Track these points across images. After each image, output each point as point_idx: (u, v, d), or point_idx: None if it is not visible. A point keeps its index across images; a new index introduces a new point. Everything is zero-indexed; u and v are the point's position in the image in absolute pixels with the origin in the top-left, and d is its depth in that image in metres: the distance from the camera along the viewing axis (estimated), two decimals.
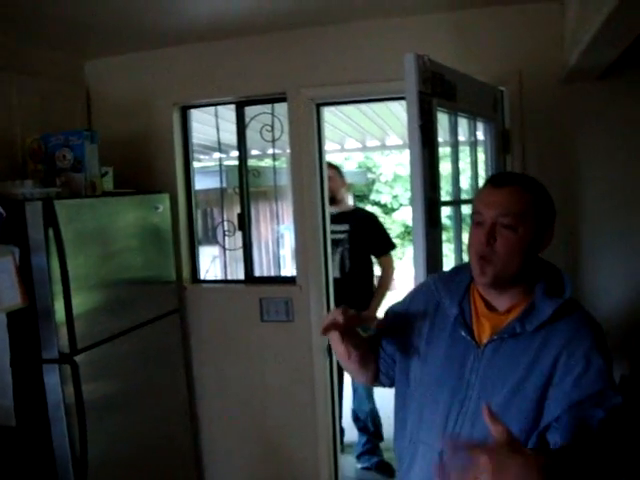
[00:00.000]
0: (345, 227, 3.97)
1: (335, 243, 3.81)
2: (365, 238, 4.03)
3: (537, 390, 1.37)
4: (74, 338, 2.55)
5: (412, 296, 1.72)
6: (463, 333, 1.50)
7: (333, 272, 3.57)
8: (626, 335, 2.75)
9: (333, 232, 3.73)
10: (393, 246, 4.24)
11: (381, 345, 1.71)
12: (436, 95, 2.17)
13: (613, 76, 2.72)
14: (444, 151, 2.74)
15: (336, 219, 3.84)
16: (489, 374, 1.44)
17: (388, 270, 4.16)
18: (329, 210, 3.47)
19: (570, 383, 1.34)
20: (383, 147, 7.54)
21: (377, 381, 1.75)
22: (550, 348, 1.39)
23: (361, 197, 12.86)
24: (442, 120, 2.39)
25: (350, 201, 4.72)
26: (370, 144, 7.30)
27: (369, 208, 12.72)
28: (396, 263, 4.50)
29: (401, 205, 12.37)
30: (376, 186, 12.61)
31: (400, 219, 12.34)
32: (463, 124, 2.68)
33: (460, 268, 1.69)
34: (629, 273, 2.85)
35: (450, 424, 1.47)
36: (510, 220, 1.41)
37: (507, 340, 1.43)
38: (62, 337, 2.53)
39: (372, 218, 4.35)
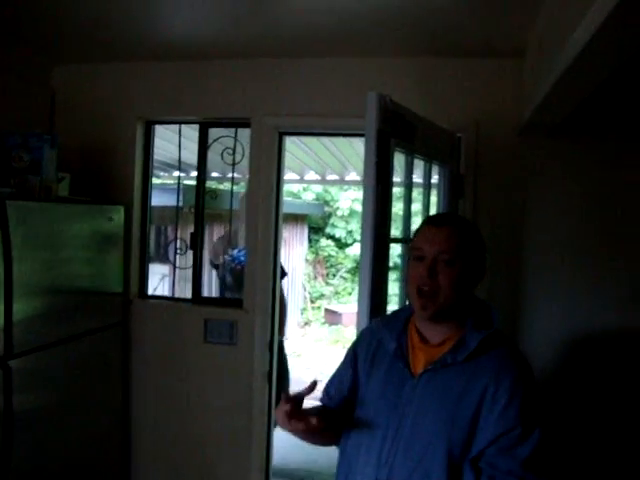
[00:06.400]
0: None
1: None
2: None
3: (468, 421, 1.46)
4: (11, 342, 2.49)
5: (354, 348, 1.79)
6: (400, 364, 1.59)
7: None
8: (560, 377, 2.90)
9: None
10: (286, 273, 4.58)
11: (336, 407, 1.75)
12: (395, 135, 2.24)
13: (562, 134, 2.88)
14: (400, 191, 2.81)
15: None
16: (422, 403, 1.52)
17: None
18: None
19: (495, 416, 1.45)
20: (342, 182, 7.65)
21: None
22: (479, 379, 1.49)
23: (316, 229, 12.94)
24: (399, 160, 2.47)
25: None
26: (329, 178, 7.40)
27: (323, 242, 12.85)
28: (346, 298, 4.68)
29: (355, 241, 12.48)
30: (332, 220, 12.70)
31: (353, 254, 12.43)
32: (419, 166, 2.77)
33: (402, 309, 1.80)
34: (567, 320, 2.96)
35: (384, 451, 1.54)
36: (449, 256, 1.54)
37: (440, 371, 1.53)
38: None
39: None
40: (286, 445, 3.95)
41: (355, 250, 12.32)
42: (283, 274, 4.33)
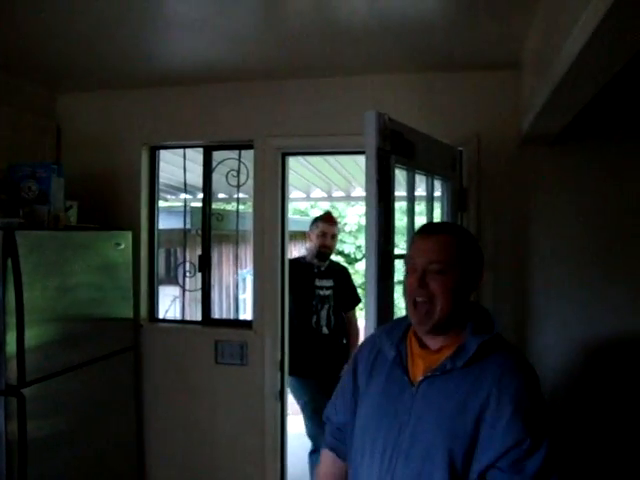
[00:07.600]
0: (330, 283, 4.00)
1: (322, 299, 3.90)
2: (343, 293, 4.08)
3: (470, 432, 1.42)
4: (23, 371, 2.52)
5: (356, 358, 1.77)
6: (399, 372, 1.57)
7: (321, 328, 3.84)
8: (565, 393, 2.89)
9: (320, 288, 3.89)
10: (360, 300, 4.29)
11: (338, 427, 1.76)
12: (395, 152, 2.26)
13: (563, 143, 2.89)
14: (404, 205, 2.82)
15: (322, 275, 3.95)
16: (422, 412, 1.49)
17: (356, 323, 4.21)
18: (318, 265, 3.88)
19: (502, 428, 1.39)
20: (348, 198, 7.65)
21: None
22: (481, 386, 1.44)
23: None
24: (402, 174, 2.49)
25: None
26: (335, 194, 7.42)
27: (333, 257, 12.85)
28: (357, 313, 4.46)
29: (364, 256, 12.48)
30: (340, 236, 12.71)
31: (362, 269, 12.43)
32: (423, 180, 2.79)
33: (404, 316, 1.75)
34: (574, 329, 2.95)
35: (385, 461, 1.51)
36: (439, 267, 1.51)
37: (439, 377, 1.49)
38: (11, 369, 2.50)
39: (347, 272, 4.37)
40: (299, 464, 3.97)
41: (365, 265, 12.32)
42: (357, 301, 4.20)
